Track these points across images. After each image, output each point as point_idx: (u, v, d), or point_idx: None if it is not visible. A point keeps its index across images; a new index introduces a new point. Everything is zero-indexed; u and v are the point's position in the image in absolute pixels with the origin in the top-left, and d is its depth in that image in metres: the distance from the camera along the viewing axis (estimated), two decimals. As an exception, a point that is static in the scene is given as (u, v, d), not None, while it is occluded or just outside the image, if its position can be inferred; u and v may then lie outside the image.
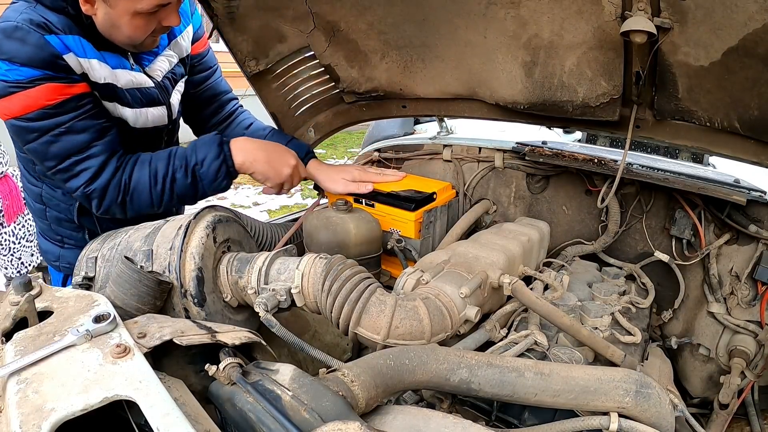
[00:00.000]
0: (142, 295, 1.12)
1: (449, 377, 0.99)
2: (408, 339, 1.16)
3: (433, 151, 2.22)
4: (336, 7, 1.56)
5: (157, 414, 0.73)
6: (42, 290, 1.05)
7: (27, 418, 0.71)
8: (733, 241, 1.72)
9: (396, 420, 0.89)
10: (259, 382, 0.86)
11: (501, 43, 1.48)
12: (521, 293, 1.33)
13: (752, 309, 1.69)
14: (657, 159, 2.07)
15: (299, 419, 0.77)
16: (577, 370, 1.03)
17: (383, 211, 1.83)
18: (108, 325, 0.91)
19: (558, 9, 1.29)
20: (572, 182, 1.99)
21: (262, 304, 1.17)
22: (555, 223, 2.03)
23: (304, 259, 1.25)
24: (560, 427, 1.04)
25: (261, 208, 6.47)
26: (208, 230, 1.25)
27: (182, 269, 1.19)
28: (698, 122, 1.45)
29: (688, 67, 1.27)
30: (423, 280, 1.35)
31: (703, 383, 1.84)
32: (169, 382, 0.88)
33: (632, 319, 1.53)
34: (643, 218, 1.88)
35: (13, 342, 0.89)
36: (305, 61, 1.85)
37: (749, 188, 1.61)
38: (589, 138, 2.49)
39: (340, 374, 0.91)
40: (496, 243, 1.59)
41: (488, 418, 1.25)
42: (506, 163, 2.07)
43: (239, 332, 1.02)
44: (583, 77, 1.46)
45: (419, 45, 1.64)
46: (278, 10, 1.59)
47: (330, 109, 2.13)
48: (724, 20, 1.09)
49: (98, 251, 1.31)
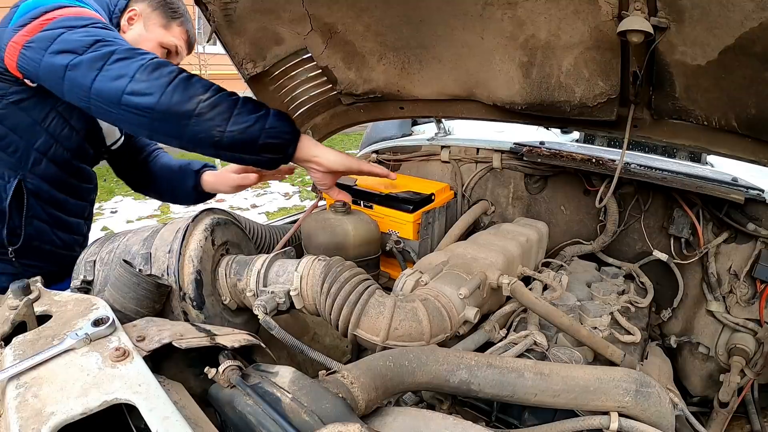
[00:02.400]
0: (140, 299, 1.11)
1: (449, 378, 0.99)
2: (407, 340, 1.16)
3: (431, 152, 2.22)
4: (333, 9, 1.56)
5: (156, 417, 0.73)
6: (41, 294, 1.05)
7: (26, 422, 0.71)
8: (732, 239, 1.73)
9: (396, 421, 0.89)
10: (258, 384, 0.86)
11: (498, 44, 1.48)
12: (520, 294, 1.33)
13: (751, 307, 1.69)
14: (655, 158, 2.08)
15: (299, 421, 0.77)
16: (576, 370, 1.03)
17: (382, 212, 1.83)
18: (107, 328, 0.91)
19: (555, 9, 1.30)
20: (570, 182, 1.99)
21: (261, 307, 1.17)
22: (553, 223, 2.03)
23: (303, 261, 1.25)
24: (560, 427, 1.04)
25: (259, 210, 6.47)
26: (206, 233, 1.25)
27: (181, 272, 1.19)
28: (696, 121, 1.45)
29: (685, 66, 1.27)
30: (422, 281, 1.35)
31: (702, 382, 1.84)
32: (168, 386, 0.88)
33: (631, 319, 1.53)
34: (641, 218, 1.89)
35: (12, 346, 0.89)
36: (303, 63, 1.85)
37: (747, 187, 1.61)
38: (586, 138, 2.49)
39: (339, 376, 0.91)
40: (495, 244, 1.59)
41: (488, 418, 1.25)
42: (504, 164, 2.07)
43: (238, 335, 1.02)
44: (580, 77, 1.46)
45: (416, 46, 1.64)
46: (275, 13, 1.59)
47: (328, 111, 2.13)
48: (720, 19, 1.09)
49: (96, 254, 1.31)
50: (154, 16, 1.74)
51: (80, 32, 1.38)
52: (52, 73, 1.38)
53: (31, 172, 1.60)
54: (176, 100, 1.30)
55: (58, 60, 1.35)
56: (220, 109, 1.32)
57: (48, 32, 1.39)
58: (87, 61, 1.33)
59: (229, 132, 1.32)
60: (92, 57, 1.33)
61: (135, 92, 1.29)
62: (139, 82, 1.30)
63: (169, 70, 1.33)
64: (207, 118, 1.31)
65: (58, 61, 1.36)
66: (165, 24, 1.76)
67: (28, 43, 1.41)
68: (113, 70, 1.32)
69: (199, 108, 1.31)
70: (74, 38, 1.37)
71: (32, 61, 1.41)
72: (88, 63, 1.33)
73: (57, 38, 1.37)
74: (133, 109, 1.31)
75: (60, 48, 1.37)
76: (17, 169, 1.58)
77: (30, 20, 1.42)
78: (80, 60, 1.33)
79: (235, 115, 1.33)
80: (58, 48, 1.37)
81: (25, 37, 1.41)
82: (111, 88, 1.31)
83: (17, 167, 1.58)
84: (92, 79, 1.31)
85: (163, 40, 1.76)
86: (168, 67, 1.34)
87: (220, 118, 1.31)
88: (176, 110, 1.29)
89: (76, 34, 1.37)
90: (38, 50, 1.39)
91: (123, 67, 1.32)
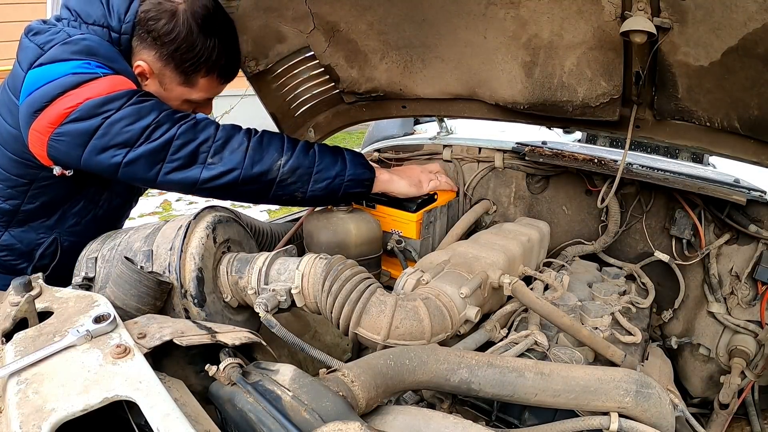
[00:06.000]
0: (142, 296, 1.12)
1: (449, 377, 0.99)
2: (408, 339, 1.16)
3: (432, 151, 2.22)
4: (336, 7, 1.56)
5: (157, 414, 0.73)
6: (42, 291, 1.05)
7: (27, 419, 0.71)
8: (733, 240, 1.72)
9: (396, 420, 0.89)
10: (259, 382, 0.86)
11: (501, 43, 1.48)
12: (521, 293, 1.33)
13: (752, 309, 1.69)
14: (657, 159, 2.07)
15: (299, 419, 0.77)
16: (577, 370, 1.03)
17: (384, 211, 1.83)
18: (108, 325, 0.91)
19: (558, 9, 1.29)
20: (572, 182, 1.98)
21: (262, 305, 1.17)
22: (555, 223, 2.03)
23: (304, 260, 1.25)
24: (560, 427, 1.04)
25: (261, 208, 6.47)
26: (208, 230, 1.25)
27: (182, 270, 1.19)
28: (698, 122, 1.45)
29: (687, 67, 1.27)
30: (423, 280, 1.35)
31: (703, 383, 1.84)
32: (169, 383, 0.88)
33: (632, 319, 1.53)
34: (643, 218, 1.88)
35: (13, 342, 0.89)
36: (305, 62, 1.85)
37: (749, 188, 1.61)
38: (588, 138, 2.49)
39: (340, 374, 0.91)
40: (496, 243, 1.59)
41: (488, 418, 1.25)
42: (506, 164, 2.07)
43: (239, 332, 1.02)
44: (582, 77, 1.46)
45: (419, 45, 1.64)
46: (278, 11, 1.59)
47: (330, 110, 2.13)
48: (723, 20, 1.09)
49: (98, 252, 1.31)
50: (168, 73, 1.37)
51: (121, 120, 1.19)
52: (102, 171, 1.25)
53: (67, 231, 1.51)
54: (257, 171, 1.27)
55: (106, 159, 1.21)
56: (300, 173, 1.31)
57: (79, 125, 1.19)
58: (146, 155, 1.20)
59: (311, 192, 1.33)
60: (150, 150, 1.20)
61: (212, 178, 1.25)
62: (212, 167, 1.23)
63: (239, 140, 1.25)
64: (288, 183, 1.31)
65: (106, 160, 1.22)
66: (184, 81, 1.39)
67: (56, 136, 1.21)
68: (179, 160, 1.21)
69: (281, 175, 1.30)
70: (117, 130, 1.19)
71: (67, 156, 1.24)
72: (147, 157, 1.21)
73: (95, 132, 1.19)
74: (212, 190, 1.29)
75: (104, 144, 1.20)
76: (53, 228, 1.49)
77: (44, 105, 1.20)
78: (136, 155, 1.20)
79: (315, 174, 1.33)
80: (101, 145, 1.20)
81: (49, 128, 1.20)
82: (184, 179, 1.23)
83: (53, 228, 1.49)
84: (157, 173, 1.22)
85: (189, 98, 1.44)
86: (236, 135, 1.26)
87: (301, 181, 1.31)
88: (258, 180, 1.27)
89: (117, 125, 1.19)
90: (74, 146, 1.21)
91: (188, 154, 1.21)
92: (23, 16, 5.07)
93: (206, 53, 1.35)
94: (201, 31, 1.32)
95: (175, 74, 1.38)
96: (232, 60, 1.46)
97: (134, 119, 1.19)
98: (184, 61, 1.35)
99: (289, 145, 1.32)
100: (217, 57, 1.38)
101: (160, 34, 1.30)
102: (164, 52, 1.33)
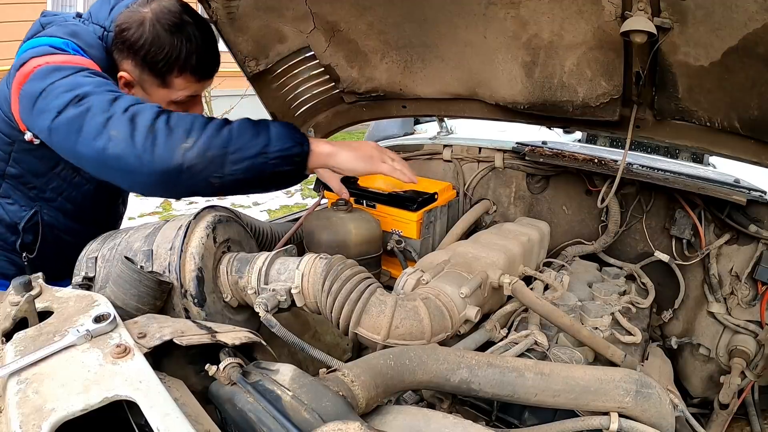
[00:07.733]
0: (142, 296, 1.12)
1: (449, 377, 0.99)
2: (408, 339, 1.16)
3: (433, 151, 2.22)
4: (336, 7, 1.56)
5: (157, 414, 0.73)
6: (42, 290, 1.05)
7: (27, 419, 0.71)
8: (733, 241, 1.73)
9: (396, 420, 0.89)
10: (259, 382, 0.86)
11: (501, 43, 1.48)
12: (521, 293, 1.33)
13: (752, 309, 1.69)
14: (657, 159, 2.07)
15: (299, 419, 0.77)
16: (577, 370, 1.03)
17: (385, 211, 1.83)
18: (108, 325, 0.91)
19: (558, 9, 1.29)
20: (572, 182, 1.99)
21: (262, 304, 1.17)
22: (555, 223, 2.03)
23: (304, 259, 1.25)
24: (560, 427, 1.04)
25: (261, 208, 6.47)
26: (208, 230, 1.25)
27: (182, 269, 1.19)
28: (698, 122, 1.45)
29: (688, 67, 1.27)
30: (423, 280, 1.35)
31: (703, 383, 1.84)
32: (169, 383, 0.88)
33: (632, 319, 1.53)
34: (643, 218, 1.88)
35: (13, 342, 0.89)
36: (305, 62, 1.85)
37: (749, 188, 1.61)
38: (589, 138, 2.49)
39: (340, 374, 0.91)
40: (496, 243, 1.59)
41: (488, 418, 1.25)
42: (506, 163, 2.07)
43: (239, 332, 1.02)
44: (583, 77, 1.46)
45: (419, 45, 1.64)
46: (278, 11, 1.60)
47: (330, 110, 2.13)
48: (724, 20, 1.09)
49: (98, 251, 1.31)
50: (146, 77, 1.41)
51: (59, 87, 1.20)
52: (40, 135, 1.25)
53: (48, 205, 1.55)
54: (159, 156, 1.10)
55: (41, 121, 1.19)
56: (211, 155, 1.11)
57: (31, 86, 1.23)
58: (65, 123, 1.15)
59: (230, 176, 1.14)
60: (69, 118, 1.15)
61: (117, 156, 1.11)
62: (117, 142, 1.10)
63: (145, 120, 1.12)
64: (198, 169, 1.11)
65: (40, 122, 1.20)
66: (161, 83, 1.42)
67: (20, 97, 1.25)
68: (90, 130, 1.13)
69: (187, 160, 1.10)
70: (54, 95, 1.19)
71: (23, 117, 1.28)
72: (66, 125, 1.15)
73: (39, 95, 1.20)
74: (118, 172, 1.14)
75: (42, 107, 1.19)
76: (35, 200, 1.52)
77: (19, 66, 1.27)
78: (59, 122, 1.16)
79: (230, 154, 1.13)
80: (40, 107, 1.20)
81: (17, 88, 1.26)
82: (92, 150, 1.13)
83: (34, 200, 1.52)
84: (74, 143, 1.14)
85: (172, 99, 1.45)
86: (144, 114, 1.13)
87: (213, 164, 1.12)
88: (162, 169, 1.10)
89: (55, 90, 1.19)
90: (26, 107, 1.24)
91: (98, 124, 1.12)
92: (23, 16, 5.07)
93: (175, 53, 1.38)
94: (168, 33, 1.37)
95: (152, 78, 1.42)
96: (205, 57, 1.45)
97: (70, 88, 1.19)
98: (156, 63, 1.39)
99: (200, 125, 1.15)
100: (186, 55, 1.40)
101: (132, 42, 1.37)
102: (138, 59, 1.39)
